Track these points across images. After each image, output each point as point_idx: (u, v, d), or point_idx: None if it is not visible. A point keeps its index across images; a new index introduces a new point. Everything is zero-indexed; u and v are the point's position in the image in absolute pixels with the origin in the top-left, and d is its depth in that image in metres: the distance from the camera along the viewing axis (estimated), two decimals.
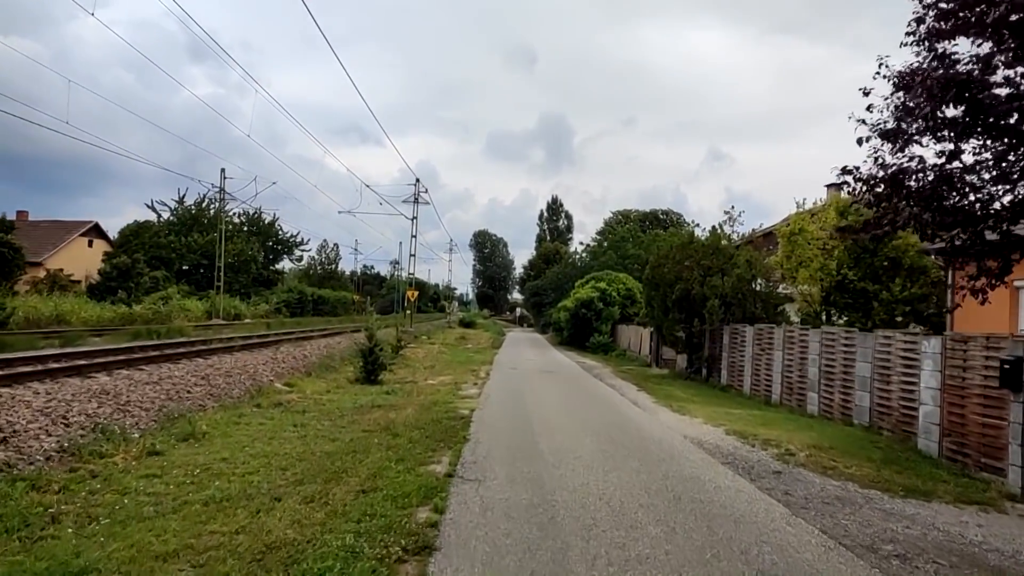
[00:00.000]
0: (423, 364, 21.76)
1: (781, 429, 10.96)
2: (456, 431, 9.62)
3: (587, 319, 36.84)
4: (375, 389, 14.84)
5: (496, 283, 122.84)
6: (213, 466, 7.37)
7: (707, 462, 8.15)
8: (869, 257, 17.55)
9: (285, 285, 52.69)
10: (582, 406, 13.01)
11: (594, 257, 54.36)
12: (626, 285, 40.61)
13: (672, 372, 23.50)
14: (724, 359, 18.75)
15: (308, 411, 11.44)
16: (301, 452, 8.12)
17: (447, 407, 12.09)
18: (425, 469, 7.27)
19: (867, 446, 9.94)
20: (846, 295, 17.93)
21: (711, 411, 12.78)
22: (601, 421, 11.08)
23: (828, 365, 12.73)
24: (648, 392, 16.25)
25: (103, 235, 46.38)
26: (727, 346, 18.58)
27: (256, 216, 53.42)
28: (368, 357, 15.95)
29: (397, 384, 16.00)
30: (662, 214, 76.74)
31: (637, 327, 32.96)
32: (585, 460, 7.90)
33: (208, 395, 11.37)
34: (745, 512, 5.99)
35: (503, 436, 9.39)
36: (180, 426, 9.27)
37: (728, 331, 18.56)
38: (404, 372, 18.94)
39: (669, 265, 20.08)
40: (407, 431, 9.48)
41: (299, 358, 18.04)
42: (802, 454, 9.06)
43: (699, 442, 9.52)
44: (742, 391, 17.16)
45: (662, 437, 9.75)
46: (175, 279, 45.12)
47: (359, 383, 15.82)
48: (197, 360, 13.60)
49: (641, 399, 14.63)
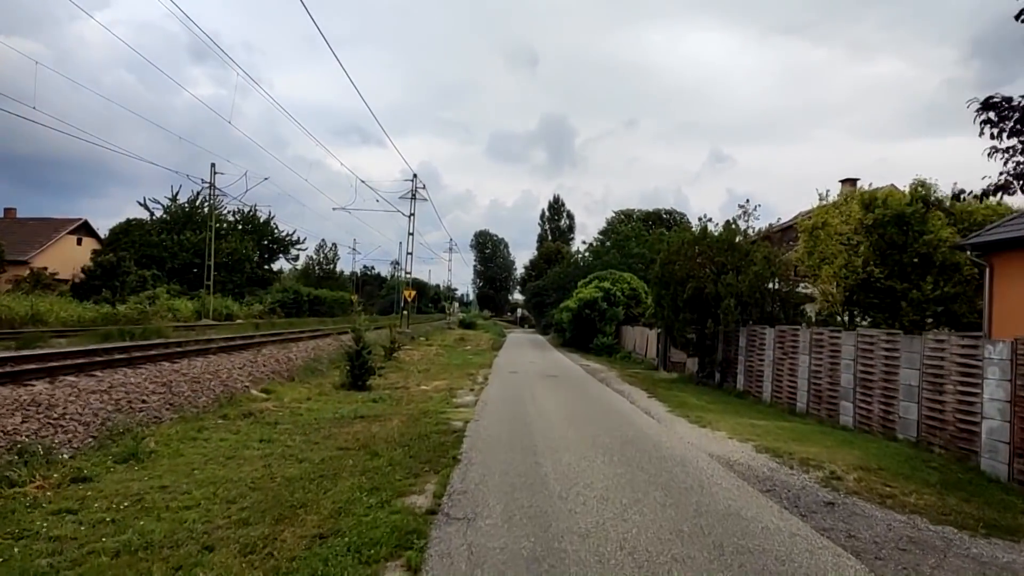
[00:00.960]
0: (417, 368, 20.44)
1: (818, 445, 9.63)
2: (446, 449, 8.30)
3: (590, 320, 35.47)
4: (361, 396, 13.52)
5: (497, 284, 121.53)
6: (147, 496, 6.06)
7: (744, 491, 6.81)
8: (897, 253, 16.22)
9: (280, 285, 51.34)
10: (589, 417, 11.69)
11: (597, 256, 53.00)
12: (631, 285, 39.27)
13: (682, 376, 22.16)
14: (740, 363, 17.41)
15: (281, 423, 10.13)
16: (258, 477, 6.80)
17: (438, 418, 10.77)
18: (403, 503, 5.94)
19: (920, 466, 8.61)
20: (871, 294, 16.59)
21: (733, 423, 11.45)
22: (612, 436, 9.75)
23: (865, 371, 11.40)
24: (659, 399, 14.91)
25: (92, 233, 45.09)
26: (743, 349, 17.23)
27: (251, 214, 52.08)
28: (355, 361, 14.63)
29: (386, 391, 14.68)
30: (665, 213, 75.77)
31: (643, 328, 31.62)
32: (598, 489, 6.57)
33: (167, 405, 10.05)
34: (810, 569, 4.65)
35: (500, 455, 8.07)
36: (124, 443, 7.96)
37: (745, 333, 17.22)
38: (396, 377, 17.61)
39: (680, 262, 18.73)
40: (389, 449, 8.16)
41: (283, 361, 16.72)
42: (850, 478, 7.74)
43: (728, 462, 8.19)
44: (761, 398, 15.81)
45: (684, 456, 8.42)
46: (166, 278, 43.83)
47: (345, 389, 14.49)
48: (162, 364, 12.28)
49: (654, 408, 13.30)
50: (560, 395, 14.83)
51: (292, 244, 55.34)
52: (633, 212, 75.78)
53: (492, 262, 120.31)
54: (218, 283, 46.51)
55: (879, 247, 16.45)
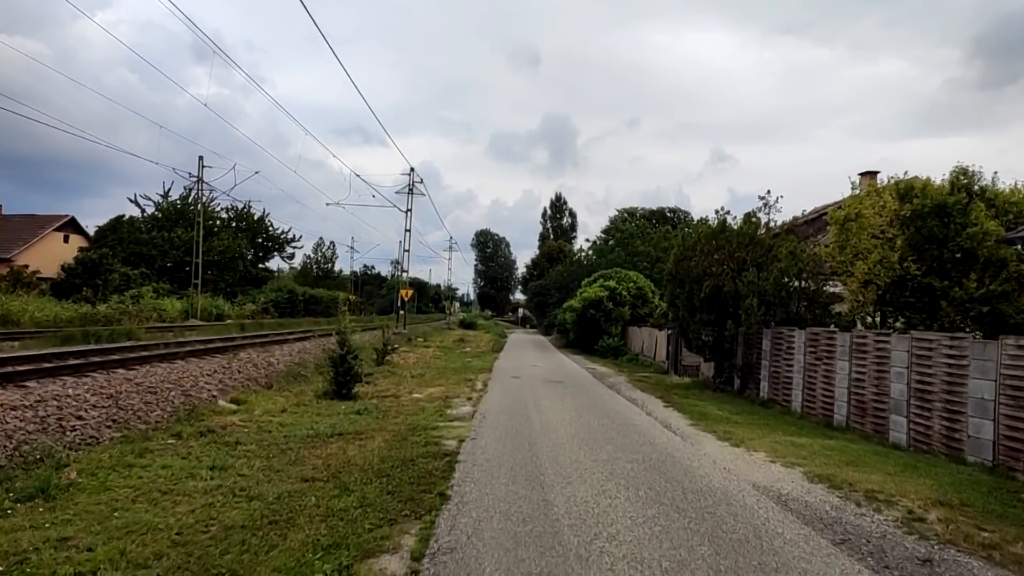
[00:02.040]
0: (411, 372, 18.93)
1: (877, 471, 8.11)
2: (434, 480, 6.81)
3: (595, 320, 33.94)
4: (345, 407, 12.02)
5: (498, 283, 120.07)
6: (35, 557, 4.57)
7: (813, 543, 5.30)
8: (936, 248, 14.71)
9: (275, 284, 49.86)
10: (603, 433, 10.18)
11: (601, 255, 51.51)
12: (637, 284, 37.77)
13: (696, 381, 20.64)
14: (764, 368, 15.89)
15: (243, 442, 8.63)
16: (190, 525, 5.31)
17: (429, 436, 9.27)
18: (369, 568, 4.45)
19: (1010, 500, 7.10)
20: (905, 293, 15.08)
21: (770, 441, 9.93)
22: (633, 459, 8.24)
23: (922, 381, 9.87)
24: (678, 409, 13.41)
25: (80, 230, 43.61)
26: (767, 353, 15.71)
27: (245, 211, 50.64)
28: (339, 367, 13.13)
29: (374, 400, 13.18)
30: (669, 211, 74.61)
31: (651, 329, 30.11)
32: (627, 544, 5.06)
33: (108, 421, 8.56)
34: None
35: (500, 489, 6.56)
36: (38, 474, 6.48)
37: (769, 335, 15.69)
38: (387, 383, 16.10)
39: (697, 258, 17.20)
40: (363, 481, 6.66)
41: (262, 366, 15.23)
42: (933, 518, 6.22)
43: (780, 497, 6.68)
44: (790, 408, 14.29)
45: (726, 489, 6.91)
46: (156, 277, 42.40)
47: (328, 398, 12.99)
48: (115, 372, 10.79)
49: (673, 420, 11.80)
50: (567, 405, 13.33)
51: (287, 242, 53.87)
52: (637, 210, 74.48)
53: (493, 261, 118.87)
54: (210, 282, 45.13)
55: (916, 241, 14.95)
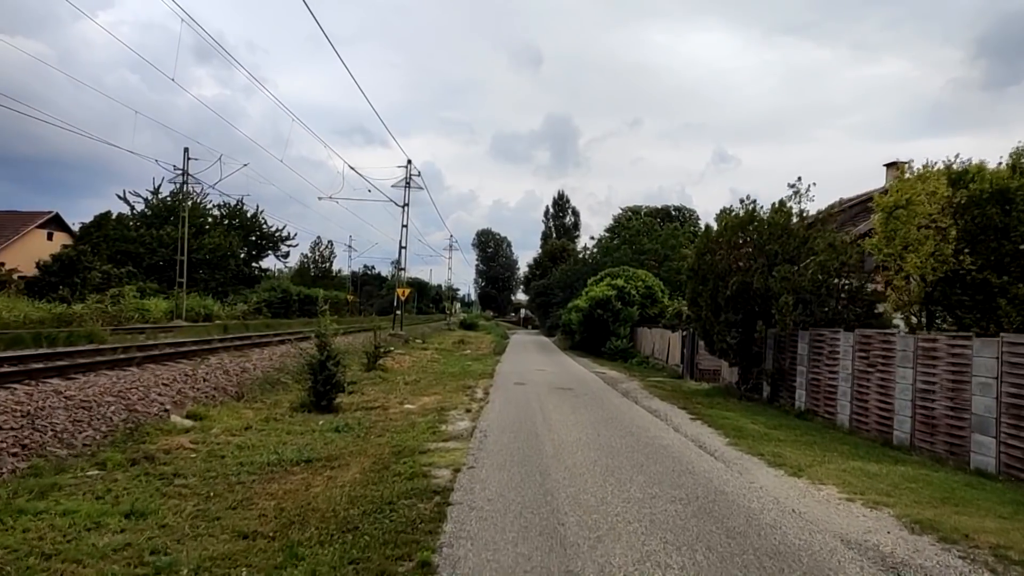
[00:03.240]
0: (405, 378, 17.18)
1: (984, 512, 6.36)
2: (417, 536, 5.07)
3: (603, 321, 32.18)
4: (323, 422, 10.29)
5: (499, 283, 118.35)
6: None
7: None
8: (994, 239, 12.99)
9: (267, 283, 48.09)
10: (629, 457, 8.43)
11: (606, 253, 49.74)
12: (646, 283, 36.03)
13: (717, 387, 18.90)
14: (800, 375, 14.12)
15: (183, 474, 6.90)
16: None
17: (416, 464, 7.52)
18: None
19: None
20: (957, 289, 13.34)
21: (834, 469, 8.16)
22: (675, 498, 6.49)
23: (1016, 395, 8.12)
24: (707, 422, 11.65)
25: (65, 227, 41.95)
26: (805, 357, 13.94)
27: (238, 208, 48.86)
28: (318, 375, 11.39)
29: (359, 412, 11.45)
30: (674, 210, 73.19)
31: (663, 330, 28.36)
32: None
33: (15, 446, 6.83)
34: None
35: (507, 556, 4.80)
36: None
37: (807, 337, 13.92)
38: (376, 391, 14.35)
39: (722, 252, 15.45)
40: (320, 540, 4.92)
41: (234, 373, 13.50)
42: None
43: (883, 560, 4.91)
44: (834, 421, 12.53)
45: (809, 547, 5.14)
46: (144, 276, 40.71)
47: (304, 411, 11.26)
48: (47, 382, 9.07)
49: (707, 438, 10.04)
50: (581, 418, 11.58)
51: (282, 240, 52.10)
52: (641, 208, 72.96)
53: (494, 261, 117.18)
54: (200, 281, 43.50)
55: (970, 231, 13.23)
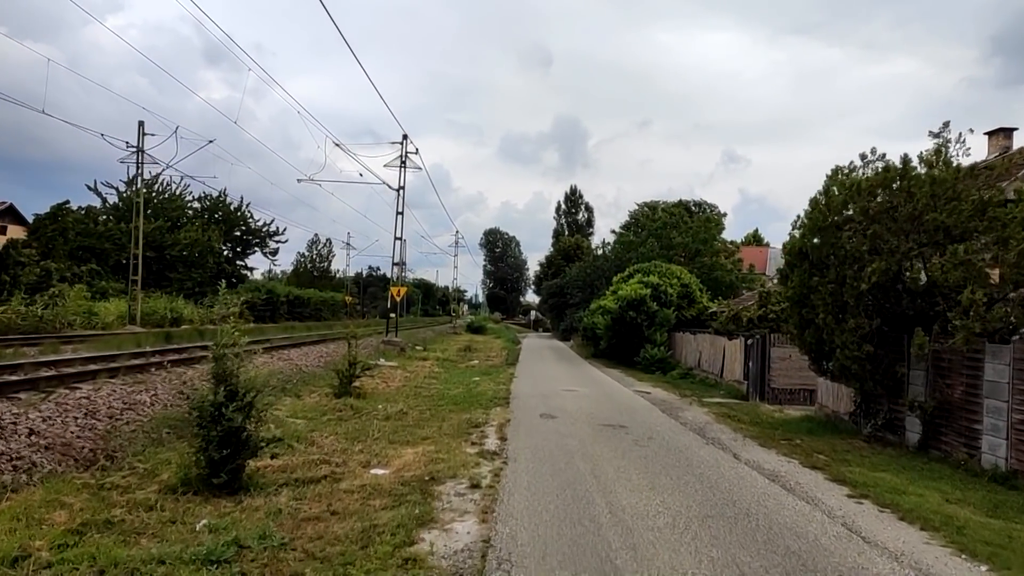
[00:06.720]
0: (388, 407, 12.15)
1: None
2: None
3: (636, 325, 27.07)
4: (205, 522, 5.31)
5: (508, 284, 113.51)
6: None
7: None
8: None
9: (251, 283, 43.28)
10: None
11: (629, 248, 44.54)
12: (681, 280, 30.95)
13: (810, 418, 13.82)
14: (988, 413, 9.00)
15: None
16: None
17: None
18: None
19: None
20: None
21: None
22: None
23: None
24: (869, 496, 6.60)
25: (21, 220, 37.40)
26: (1007, 387, 8.82)
27: (219, 200, 44.06)
28: (210, 431, 6.40)
29: (286, 489, 6.47)
30: (694, 205, 68.28)
31: (713, 336, 23.24)
32: None
33: None
34: None
35: None
36: None
37: (1008, 354, 8.81)
38: (333, 437, 9.34)
39: (853, 227, 10.40)
40: None
41: (107, 415, 8.56)
42: None
43: None
44: None
45: None
46: (109, 274, 36.04)
47: (185, 493, 6.30)
48: None
49: (902, 543, 4.98)
50: (669, 503, 6.55)
51: (269, 235, 47.25)
52: (659, 204, 68.01)
53: (503, 261, 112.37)
54: (176, 280, 38.79)
55: None
